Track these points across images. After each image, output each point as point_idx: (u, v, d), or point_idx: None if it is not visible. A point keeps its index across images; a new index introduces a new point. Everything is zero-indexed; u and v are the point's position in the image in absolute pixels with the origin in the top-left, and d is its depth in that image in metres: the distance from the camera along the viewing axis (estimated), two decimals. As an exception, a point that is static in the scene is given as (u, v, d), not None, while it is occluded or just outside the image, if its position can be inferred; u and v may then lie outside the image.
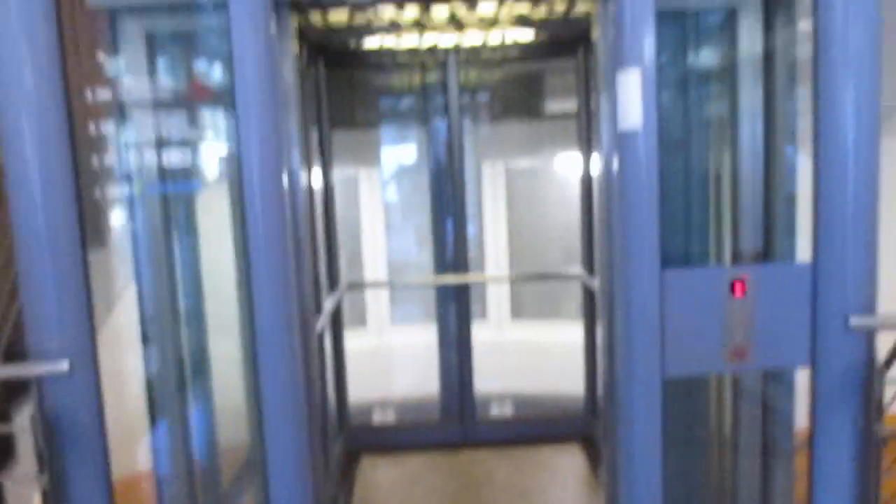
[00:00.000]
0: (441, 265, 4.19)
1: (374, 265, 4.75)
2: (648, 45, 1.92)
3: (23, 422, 1.89)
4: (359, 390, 4.17)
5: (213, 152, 2.11)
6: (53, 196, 1.85)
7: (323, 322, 3.21)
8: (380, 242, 4.79)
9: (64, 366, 1.79)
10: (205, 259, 2.40)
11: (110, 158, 2.08)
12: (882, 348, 2.01)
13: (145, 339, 2.27)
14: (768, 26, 2.27)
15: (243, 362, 2.55)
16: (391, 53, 3.72)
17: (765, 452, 2.43)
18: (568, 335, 4.53)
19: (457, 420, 4.08)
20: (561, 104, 4.38)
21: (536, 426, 4.14)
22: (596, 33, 2.12)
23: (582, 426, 4.08)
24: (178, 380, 2.41)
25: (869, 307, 1.99)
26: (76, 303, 1.88)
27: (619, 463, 2.19)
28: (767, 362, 2.12)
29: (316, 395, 2.46)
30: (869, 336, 1.96)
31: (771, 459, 2.40)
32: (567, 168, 4.54)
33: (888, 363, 2.01)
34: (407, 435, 4.12)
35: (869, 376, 1.94)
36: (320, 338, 3.15)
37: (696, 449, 2.53)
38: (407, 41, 3.41)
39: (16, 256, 1.86)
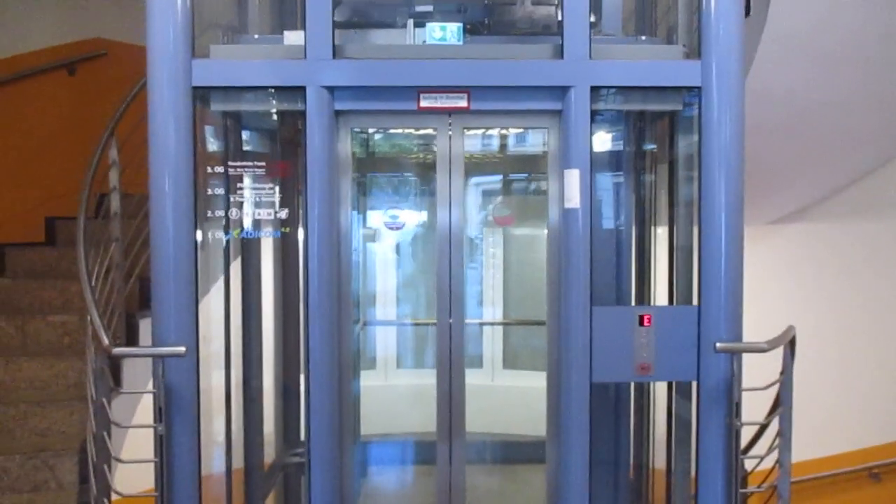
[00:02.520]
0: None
1: (385, 310, 5.58)
2: (585, 153, 2.85)
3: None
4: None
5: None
6: (180, 228, 2.75)
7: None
8: (391, 290, 5.64)
9: (182, 349, 2.65)
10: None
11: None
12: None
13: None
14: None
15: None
16: (412, 136, 4.65)
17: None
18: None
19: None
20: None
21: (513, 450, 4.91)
22: (551, 140, 3.05)
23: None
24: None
25: (736, 338, 2.84)
26: (189, 306, 2.76)
27: (558, 448, 3.00)
28: (666, 376, 2.99)
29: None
30: (735, 357, 2.79)
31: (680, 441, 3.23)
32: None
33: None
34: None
35: (730, 386, 2.78)
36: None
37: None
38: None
39: (151, 271, 2.75)
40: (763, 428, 3.36)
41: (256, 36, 3.18)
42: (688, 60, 2.90)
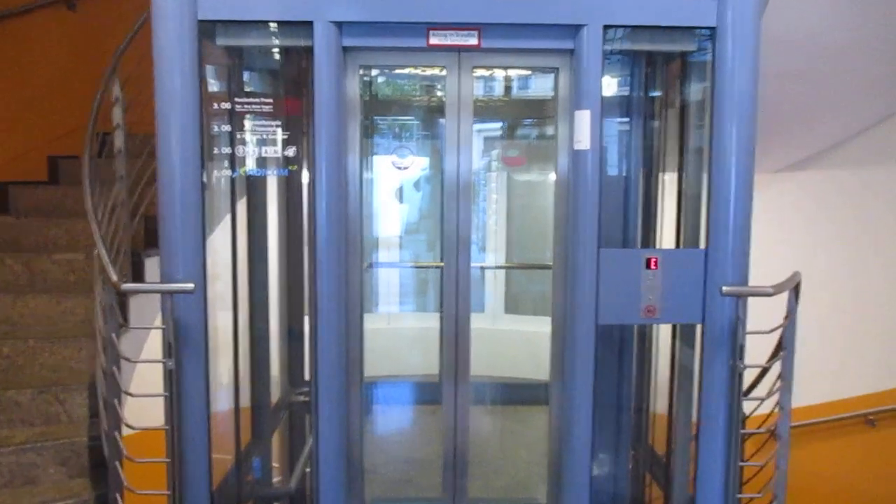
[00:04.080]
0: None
1: (388, 251, 5.59)
2: (597, 94, 2.81)
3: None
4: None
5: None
6: (186, 164, 2.72)
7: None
8: (393, 234, 5.65)
9: (191, 286, 2.66)
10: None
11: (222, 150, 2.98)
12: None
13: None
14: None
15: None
16: (416, 78, 4.58)
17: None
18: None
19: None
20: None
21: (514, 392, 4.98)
22: (561, 81, 3.01)
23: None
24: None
25: (742, 282, 2.85)
26: (197, 243, 2.76)
27: (563, 390, 3.04)
28: (671, 318, 3.01)
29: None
30: (741, 301, 2.81)
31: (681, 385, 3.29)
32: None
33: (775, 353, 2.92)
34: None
35: (735, 329, 2.80)
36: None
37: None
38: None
39: (159, 207, 2.74)
40: (763, 372, 3.40)
41: (263, -31, 3.10)
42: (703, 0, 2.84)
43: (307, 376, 3.68)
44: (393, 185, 5.31)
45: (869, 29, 3.90)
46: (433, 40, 2.86)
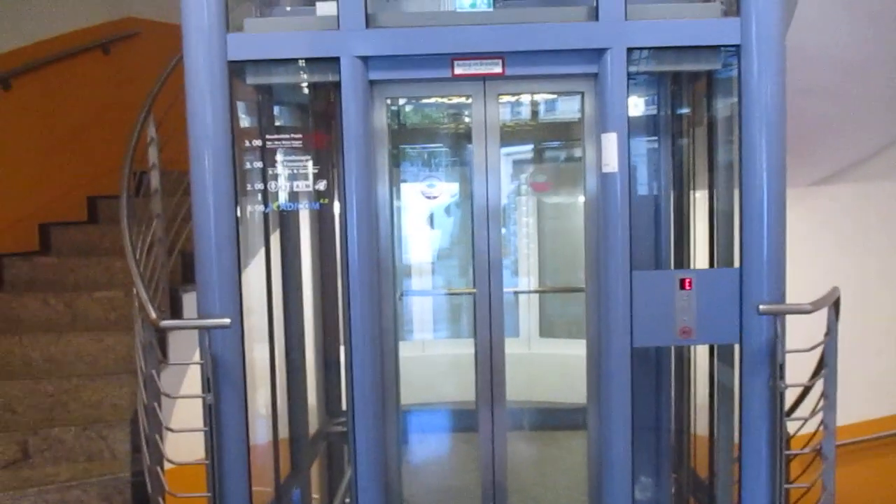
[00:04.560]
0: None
1: (421, 277, 5.61)
2: (622, 116, 2.82)
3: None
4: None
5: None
6: (220, 202, 2.78)
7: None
8: (425, 261, 5.67)
9: (227, 321, 2.70)
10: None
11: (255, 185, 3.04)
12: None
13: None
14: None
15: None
16: (442, 106, 4.63)
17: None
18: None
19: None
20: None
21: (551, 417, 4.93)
22: (587, 104, 3.02)
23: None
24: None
25: (779, 299, 2.81)
26: (232, 278, 2.81)
27: (600, 414, 3.01)
28: (708, 339, 2.97)
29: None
30: (779, 319, 2.76)
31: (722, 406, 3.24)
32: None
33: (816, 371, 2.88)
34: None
35: (773, 348, 2.75)
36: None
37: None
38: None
39: (195, 244, 2.80)
40: (806, 391, 3.34)
41: (289, 8, 3.18)
42: (726, 18, 2.83)
43: (344, 406, 3.70)
44: (423, 212, 5.35)
45: (891, 43, 3.86)
46: (458, 70, 2.90)
